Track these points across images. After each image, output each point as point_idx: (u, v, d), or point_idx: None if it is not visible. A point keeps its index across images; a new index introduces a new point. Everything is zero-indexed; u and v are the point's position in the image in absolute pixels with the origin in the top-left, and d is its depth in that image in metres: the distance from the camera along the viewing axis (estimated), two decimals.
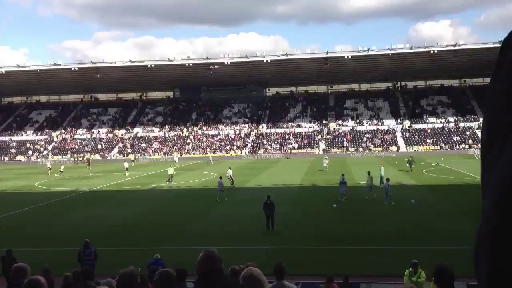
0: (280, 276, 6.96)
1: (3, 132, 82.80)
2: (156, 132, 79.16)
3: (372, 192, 27.57)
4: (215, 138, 75.34)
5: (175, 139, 76.44)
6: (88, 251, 13.68)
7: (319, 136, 72.99)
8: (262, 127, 76.91)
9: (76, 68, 72.64)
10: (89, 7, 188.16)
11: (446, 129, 71.33)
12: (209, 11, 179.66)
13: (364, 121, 75.76)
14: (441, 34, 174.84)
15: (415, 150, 66.37)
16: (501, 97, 0.74)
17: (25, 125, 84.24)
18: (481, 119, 71.75)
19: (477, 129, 70.27)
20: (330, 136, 72.93)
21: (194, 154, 71.04)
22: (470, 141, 67.70)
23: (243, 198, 29.17)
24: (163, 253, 14.03)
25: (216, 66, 71.52)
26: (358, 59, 69.53)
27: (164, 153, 71.88)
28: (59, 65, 73.44)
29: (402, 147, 68.25)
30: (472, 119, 72.46)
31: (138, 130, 79.87)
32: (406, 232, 19.08)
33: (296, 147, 70.90)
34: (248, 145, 72.91)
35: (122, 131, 79.88)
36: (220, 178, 29.97)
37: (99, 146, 76.43)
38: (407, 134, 71.22)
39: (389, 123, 74.69)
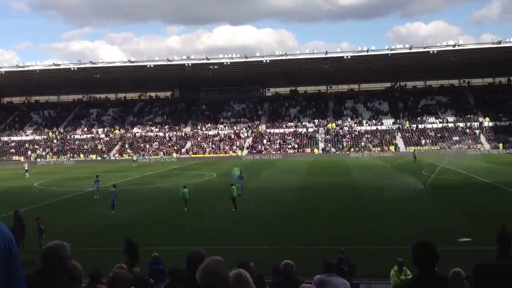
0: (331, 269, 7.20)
1: (2, 132, 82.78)
2: (155, 132, 79.17)
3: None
4: (215, 138, 75.34)
5: (175, 139, 76.49)
6: None
7: (319, 136, 73.10)
8: (262, 127, 76.92)
9: (76, 68, 72.67)
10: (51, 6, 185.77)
11: (445, 129, 71.37)
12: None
13: (364, 121, 75.79)
14: (427, 34, 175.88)
15: (414, 150, 66.38)
16: None
17: (24, 125, 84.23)
18: (480, 118, 71.94)
19: (476, 129, 70.31)
20: (329, 136, 72.98)
21: (193, 154, 71.04)
22: (469, 141, 67.76)
23: (243, 198, 29.14)
24: (163, 253, 14.05)
25: (215, 66, 71.56)
26: (358, 59, 69.60)
27: (164, 153, 71.94)
28: (59, 65, 73.51)
29: (402, 147, 68.31)
30: (471, 119, 72.49)
31: (138, 130, 79.88)
32: (406, 232, 19.06)
33: (296, 147, 70.95)
34: (248, 145, 72.93)
35: (122, 131, 79.87)
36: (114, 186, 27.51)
37: (99, 146, 76.43)
38: (407, 134, 71.26)
39: (389, 123, 74.72)
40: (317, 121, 77.17)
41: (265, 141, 73.31)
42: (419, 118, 74.53)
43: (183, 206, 27.14)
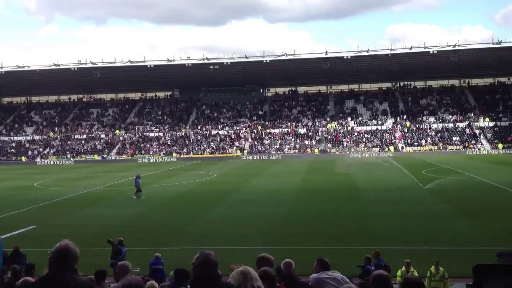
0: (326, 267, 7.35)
1: (2, 132, 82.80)
2: (155, 132, 79.19)
3: None
4: (215, 138, 75.35)
5: (175, 139, 76.51)
6: None
7: (319, 136, 73.13)
8: (262, 127, 76.91)
9: (76, 68, 72.64)
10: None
11: (445, 129, 71.38)
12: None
13: (364, 121, 75.81)
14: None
15: (414, 150, 66.48)
16: None
17: (24, 125, 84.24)
18: (480, 118, 71.93)
19: (476, 129, 70.32)
20: (329, 136, 73.00)
21: (194, 154, 71.08)
22: (472, 141, 67.77)
23: (243, 198, 29.18)
24: (163, 253, 14.07)
25: (215, 66, 71.56)
26: (358, 59, 69.57)
27: (164, 153, 71.93)
28: (59, 65, 73.48)
29: (401, 147, 68.29)
30: (472, 119, 72.48)
31: (138, 130, 79.86)
32: (406, 232, 19.09)
33: (296, 147, 70.96)
34: (248, 145, 72.94)
35: (122, 131, 79.90)
36: None
37: (99, 146, 76.44)
38: (407, 134, 71.28)
39: (389, 123, 74.73)
40: (317, 121, 77.20)
41: (265, 141, 73.34)
42: (419, 118, 74.55)
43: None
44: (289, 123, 77.29)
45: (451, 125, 72.11)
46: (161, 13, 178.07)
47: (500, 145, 64.84)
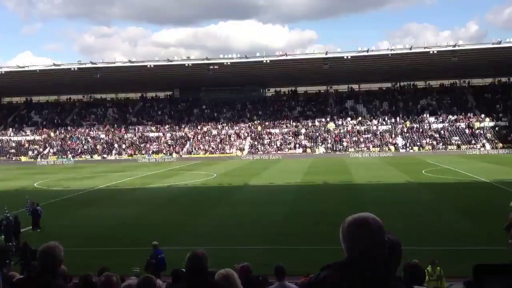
0: (281, 277, 7.16)
1: (2, 132, 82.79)
2: (155, 132, 79.18)
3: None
4: (215, 138, 75.34)
5: (175, 139, 76.51)
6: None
7: (319, 136, 73.13)
8: (262, 127, 76.91)
9: (76, 68, 72.65)
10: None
11: (445, 129, 71.38)
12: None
13: (364, 121, 75.81)
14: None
15: (414, 150, 66.48)
16: None
17: (24, 125, 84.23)
18: (480, 118, 71.91)
19: (476, 129, 70.31)
20: (329, 136, 72.99)
21: (194, 154, 71.10)
22: (472, 141, 67.77)
23: (243, 198, 29.20)
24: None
25: (215, 67, 71.56)
26: (358, 59, 69.57)
27: (164, 153, 71.93)
28: (59, 65, 73.53)
29: (402, 147, 68.33)
30: (472, 119, 72.49)
31: (138, 130, 79.87)
32: (406, 232, 19.05)
33: (296, 147, 70.97)
34: (248, 145, 72.94)
35: (122, 131, 79.88)
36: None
37: (99, 147, 76.43)
38: (407, 134, 71.28)
39: (389, 123, 74.72)
40: (317, 121, 77.19)
41: (265, 141, 73.33)
42: (419, 118, 74.54)
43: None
44: (289, 123, 77.29)
45: (451, 125, 72.12)
46: (135, 10, 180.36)
47: (500, 145, 64.84)
